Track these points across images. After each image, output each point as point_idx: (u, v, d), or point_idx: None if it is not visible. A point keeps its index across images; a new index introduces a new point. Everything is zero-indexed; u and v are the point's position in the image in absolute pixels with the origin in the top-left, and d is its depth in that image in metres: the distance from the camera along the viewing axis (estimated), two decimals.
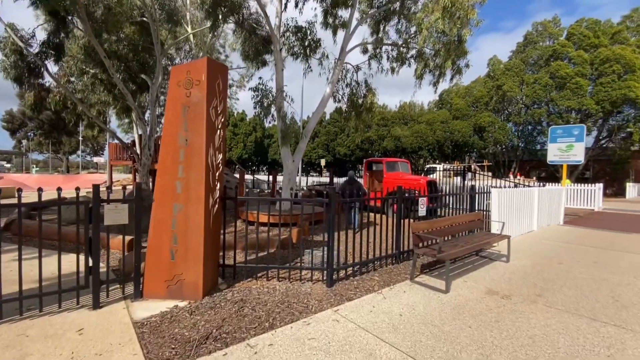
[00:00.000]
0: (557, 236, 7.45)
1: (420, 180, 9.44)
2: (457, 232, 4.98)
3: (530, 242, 6.66)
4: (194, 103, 3.53)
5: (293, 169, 8.60)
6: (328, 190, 3.80)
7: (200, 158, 3.49)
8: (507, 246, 5.18)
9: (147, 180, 9.75)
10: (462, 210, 6.12)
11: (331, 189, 3.78)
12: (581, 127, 9.54)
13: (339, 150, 40.90)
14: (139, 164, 10.36)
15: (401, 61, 9.39)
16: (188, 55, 14.16)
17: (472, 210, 6.30)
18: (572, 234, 7.75)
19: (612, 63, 22.87)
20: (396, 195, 4.71)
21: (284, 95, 8.25)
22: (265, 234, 6.63)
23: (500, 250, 5.69)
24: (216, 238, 3.85)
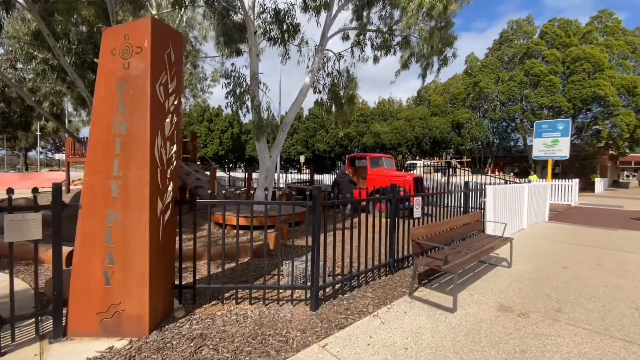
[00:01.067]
0: (549, 234, 7.14)
1: (406, 177, 8.91)
2: (458, 236, 4.40)
3: (525, 242, 6.25)
4: (134, 77, 2.67)
5: (270, 165, 7.79)
6: (312, 191, 3.06)
7: (144, 150, 2.64)
8: (509, 250, 4.67)
9: None
10: (454, 210, 5.59)
11: (316, 189, 3.05)
12: (566, 121, 9.38)
13: (318, 146, 40.24)
14: None
15: (386, 49, 8.76)
16: None
17: (466, 209, 5.78)
18: (563, 232, 7.47)
19: (582, 62, 23.55)
20: (390, 195, 4.05)
21: (259, 83, 7.40)
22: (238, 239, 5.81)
23: (499, 254, 5.20)
24: (169, 252, 3.02)
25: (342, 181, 9.16)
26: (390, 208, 4.05)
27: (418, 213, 4.53)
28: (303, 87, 8.06)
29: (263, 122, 7.03)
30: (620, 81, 23.22)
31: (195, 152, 11.21)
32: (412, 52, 8.70)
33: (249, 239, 6.13)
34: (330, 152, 39.82)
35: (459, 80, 33.89)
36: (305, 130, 42.30)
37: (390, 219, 4.05)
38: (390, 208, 4.05)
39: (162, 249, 2.87)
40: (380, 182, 9.26)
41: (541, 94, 25.02)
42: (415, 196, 4.42)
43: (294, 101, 7.99)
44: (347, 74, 9.17)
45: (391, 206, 4.05)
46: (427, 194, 4.71)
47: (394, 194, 4.04)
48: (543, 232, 7.35)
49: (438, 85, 37.44)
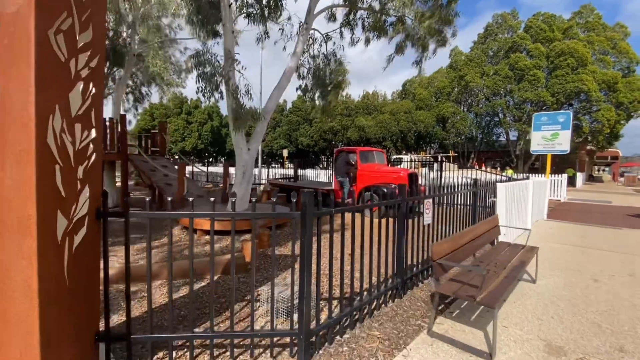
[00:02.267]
0: (557, 236, 6.53)
1: (400, 173, 8.11)
2: (479, 248, 3.60)
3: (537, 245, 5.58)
4: (10, 15, 1.63)
5: (249, 159, 6.78)
6: (303, 197, 2.13)
7: (26, 136, 1.62)
8: (534, 261, 3.92)
9: None
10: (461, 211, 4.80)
11: (307, 195, 2.12)
12: (567, 113, 8.86)
13: (301, 140, 39.16)
14: None
15: (378, 30, 7.85)
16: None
17: (475, 210, 5.02)
18: (569, 233, 6.90)
19: (566, 56, 23.58)
20: (399, 198, 3.17)
21: (235, 63, 6.33)
22: (203, 250, 4.82)
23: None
24: (88, 289, 2.02)
25: (337, 161, 8.42)
26: (399, 215, 3.18)
27: (429, 218, 3.69)
28: (286, 70, 7.05)
29: (241, 108, 5.99)
30: (601, 76, 23.41)
31: (165, 145, 9.99)
32: (407, 34, 7.86)
33: (217, 249, 5.13)
34: (314, 147, 38.84)
35: (444, 74, 33.58)
36: (288, 123, 41.08)
37: (398, 228, 3.18)
38: (398, 215, 3.18)
39: (73, 285, 1.87)
40: (371, 179, 8.44)
41: (525, 88, 24.97)
42: (426, 198, 3.58)
43: (276, 86, 6.97)
44: (334, 58, 8.22)
45: (400, 213, 3.18)
46: (440, 194, 3.87)
47: (403, 196, 3.16)
48: (550, 234, 6.74)
49: (423, 79, 37.06)
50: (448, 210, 4.20)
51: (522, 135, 28.79)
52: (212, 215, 2.21)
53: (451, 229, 4.30)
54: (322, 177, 15.18)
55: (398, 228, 3.16)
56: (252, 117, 6.00)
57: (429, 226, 3.72)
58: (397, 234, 3.16)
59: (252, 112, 6.09)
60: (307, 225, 2.11)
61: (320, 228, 2.28)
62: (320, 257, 2.38)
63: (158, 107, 39.35)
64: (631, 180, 31.64)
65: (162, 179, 8.31)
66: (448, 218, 4.21)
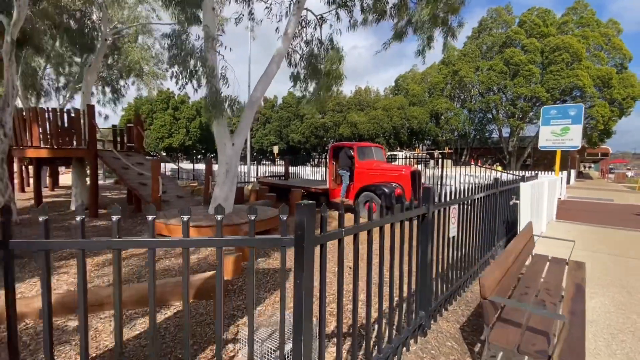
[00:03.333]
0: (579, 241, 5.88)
1: (402, 170, 7.38)
2: (520, 269, 2.87)
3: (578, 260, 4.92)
4: None
5: (233, 155, 5.93)
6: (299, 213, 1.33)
7: None
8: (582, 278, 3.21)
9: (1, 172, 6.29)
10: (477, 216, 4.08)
11: (305, 210, 1.32)
12: (579, 106, 8.27)
13: (292, 137, 38.27)
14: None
15: (378, 13, 7.06)
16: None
17: (496, 215, 4.32)
18: (587, 236, 6.29)
19: (561, 52, 23.28)
20: (424, 206, 2.39)
21: (215, 44, 5.46)
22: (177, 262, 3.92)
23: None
24: None
25: (340, 155, 7.81)
26: (422, 228, 2.41)
27: (454, 229, 2.94)
28: (275, 54, 6.20)
29: (219, 95, 5.13)
30: (596, 72, 23.21)
31: (142, 140, 9.03)
32: (409, 19, 7.09)
33: (192, 263, 4.23)
34: (306, 143, 38.00)
35: (437, 69, 33.08)
36: (278, 119, 40.11)
37: (422, 247, 2.41)
38: (421, 228, 2.41)
39: None
40: (370, 177, 7.69)
41: (520, 83, 24.63)
42: (452, 204, 2.82)
43: (263, 72, 6.12)
44: (331, 45, 7.40)
45: (424, 226, 2.41)
46: (466, 198, 3.12)
47: (428, 203, 2.39)
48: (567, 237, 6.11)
49: (416, 75, 36.55)
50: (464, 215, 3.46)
51: (515, 131, 28.55)
52: (151, 243, 1.39)
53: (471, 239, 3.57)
54: (314, 175, 14.38)
55: (422, 247, 2.39)
56: (231, 106, 5.15)
57: (453, 239, 2.98)
58: (421, 255, 2.39)
59: (231, 100, 5.24)
60: (306, 259, 1.32)
61: (325, 261, 1.48)
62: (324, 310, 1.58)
63: (144, 102, 37.87)
64: (621, 177, 31.85)
65: (136, 178, 7.39)
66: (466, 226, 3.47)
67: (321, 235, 1.42)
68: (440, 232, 2.71)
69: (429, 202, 2.40)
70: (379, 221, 1.82)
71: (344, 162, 8.15)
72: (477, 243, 3.70)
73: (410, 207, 2.16)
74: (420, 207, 2.32)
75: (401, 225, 2.09)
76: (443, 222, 2.74)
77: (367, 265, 1.79)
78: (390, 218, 1.94)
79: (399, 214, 2.04)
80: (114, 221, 1.33)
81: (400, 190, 7.01)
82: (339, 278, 1.57)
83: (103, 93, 12.50)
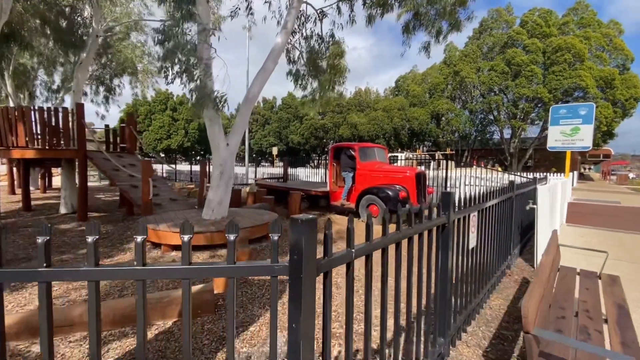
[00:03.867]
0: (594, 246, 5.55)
1: (406, 172, 7.03)
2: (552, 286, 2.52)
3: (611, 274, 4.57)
4: None
5: (227, 156, 5.58)
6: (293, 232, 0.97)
7: None
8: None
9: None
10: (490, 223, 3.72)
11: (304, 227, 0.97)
12: (590, 105, 7.95)
13: (292, 138, 37.94)
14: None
15: (383, 6, 6.73)
16: None
17: (511, 221, 3.97)
18: (605, 241, 5.94)
19: (563, 52, 23.02)
20: (444, 216, 2.04)
21: (207, 36, 5.12)
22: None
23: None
24: None
25: (341, 156, 7.52)
26: (442, 240, 2.05)
27: (474, 239, 2.59)
28: (273, 49, 5.86)
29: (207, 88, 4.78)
30: (598, 73, 22.95)
31: (135, 141, 8.67)
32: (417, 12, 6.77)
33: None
34: (305, 144, 37.67)
35: (438, 70, 32.82)
36: (278, 120, 39.79)
37: (442, 263, 2.05)
38: (442, 240, 2.05)
39: None
40: (372, 179, 7.34)
41: (522, 84, 24.35)
42: (472, 210, 2.47)
43: (261, 68, 5.77)
44: (331, 39, 7.07)
45: (443, 236, 2.05)
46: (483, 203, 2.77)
47: (449, 211, 2.03)
48: (583, 244, 5.76)
49: (416, 75, 36.31)
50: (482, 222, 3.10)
51: (516, 132, 28.26)
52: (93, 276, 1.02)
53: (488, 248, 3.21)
54: (314, 177, 14.02)
55: (441, 263, 2.03)
56: (215, 102, 4.80)
57: (473, 250, 2.62)
58: (440, 273, 2.03)
59: (219, 98, 4.88)
60: (304, 293, 0.95)
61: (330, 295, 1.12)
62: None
63: (142, 102, 37.54)
64: (623, 178, 31.52)
65: (127, 180, 7.02)
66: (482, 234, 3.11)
67: (325, 260, 1.06)
68: (460, 242, 2.36)
69: (449, 209, 2.04)
70: (395, 235, 1.47)
71: (345, 164, 7.81)
72: (494, 252, 3.36)
73: (430, 216, 1.81)
74: (441, 216, 1.97)
75: (419, 238, 1.74)
76: (462, 232, 2.38)
77: (382, 293, 1.43)
78: (408, 231, 1.58)
79: (418, 225, 1.69)
80: (90, 244, 0.98)
81: (404, 193, 6.66)
82: (348, 315, 1.21)
83: (96, 93, 12.13)
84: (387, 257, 1.43)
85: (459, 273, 2.36)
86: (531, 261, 4.62)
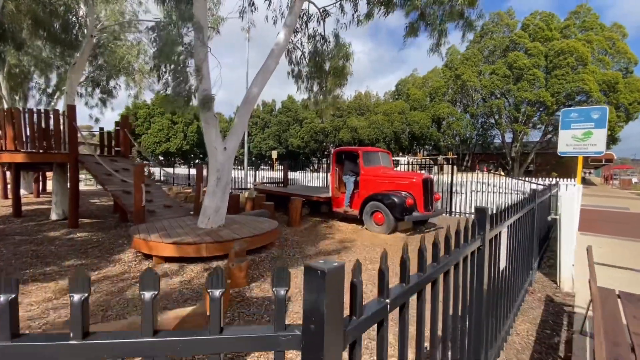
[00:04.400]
0: (616, 258, 5.22)
1: (413, 178, 6.70)
2: None
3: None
4: None
5: (225, 161, 5.26)
6: (307, 294, 0.65)
7: None
8: None
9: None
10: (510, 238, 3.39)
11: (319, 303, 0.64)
12: (603, 109, 7.65)
13: (291, 141, 37.67)
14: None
15: (386, 5, 6.44)
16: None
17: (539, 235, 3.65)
18: (623, 252, 5.61)
19: (566, 55, 22.84)
20: (478, 237, 1.71)
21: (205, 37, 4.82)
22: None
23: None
24: None
25: (344, 161, 7.24)
26: (477, 266, 1.72)
27: (504, 259, 2.26)
28: (274, 48, 5.56)
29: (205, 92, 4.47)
30: (601, 77, 22.74)
31: (129, 144, 8.35)
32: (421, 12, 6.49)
33: (172, 288, 3.42)
34: (305, 148, 37.39)
35: (439, 74, 32.66)
36: (278, 124, 39.55)
37: (476, 295, 1.71)
38: (476, 265, 1.72)
39: None
40: (377, 185, 7.02)
41: (524, 88, 24.15)
42: (503, 226, 2.14)
43: (261, 68, 5.47)
44: (335, 39, 6.78)
45: (478, 261, 1.72)
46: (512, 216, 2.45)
47: (484, 231, 1.70)
48: (603, 255, 5.43)
49: (417, 79, 36.16)
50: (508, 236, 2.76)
51: (518, 136, 28.01)
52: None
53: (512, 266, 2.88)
54: (315, 181, 13.69)
55: (476, 293, 1.69)
56: (204, 101, 4.49)
57: (503, 272, 2.29)
58: (475, 305, 1.70)
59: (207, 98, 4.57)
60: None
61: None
62: None
63: (142, 106, 37.31)
64: (626, 183, 31.25)
65: (120, 185, 6.69)
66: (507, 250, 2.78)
67: (353, 324, 0.73)
68: (492, 265, 2.03)
69: (484, 229, 1.71)
70: (433, 270, 1.14)
71: (348, 169, 7.50)
72: (518, 270, 3.02)
73: (466, 239, 1.49)
74: (476, 238, 1.64)
75: (455, 269, 1.41)
76: (494, 252, 2.05)
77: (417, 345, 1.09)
78: (446, 260, 1.25)
79: (456, 252, 1.36)
80: (77, 302, 0.65)
81: (411, 200, 6.33)
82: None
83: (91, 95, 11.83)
84: (424, 299, 1.10)
85: (490, 300, 2.03)
86: (551, 275, 4.29)
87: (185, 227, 5.21)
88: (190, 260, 4.57)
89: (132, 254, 5.01)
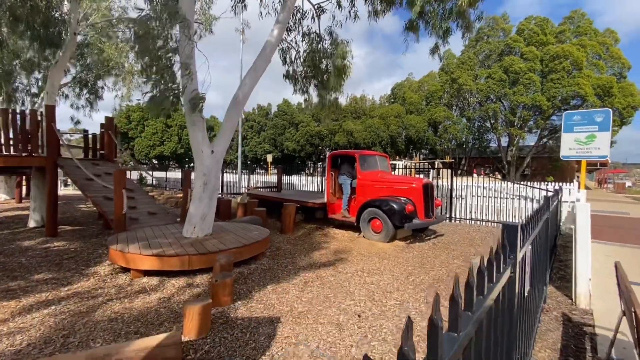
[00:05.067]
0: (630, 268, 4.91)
1: (412, 183, 6.37)
2: None
3: None
4: None
5: (212, 165, 4.88)
6: None
7: None
8: None
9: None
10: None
11: None
12: (606, 111, 7.44)
13: (287, 145, 37.31)
14: None
15: (387, 2, 6.14)
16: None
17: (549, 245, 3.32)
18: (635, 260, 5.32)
19: (561, 60, 22.86)
20: (508, 261, 1.37)
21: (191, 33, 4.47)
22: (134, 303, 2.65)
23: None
24: None
25: (340, 165, 6.90)
26: (509, 295, 1.37)
27: (529, 282, 1.92)
28: (265, 46, 5.21)
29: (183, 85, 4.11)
30: (596, 81, 22.77)
31: (114, 148, 7.93)
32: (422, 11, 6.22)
33: (148, 307, 2.98)
34: (301, 152, 37.05)
35: (435, 77, 32.63)
36: (273, 127, 39.19)
37: (510, 331, 1.37)
38: (507, 296, 1.37)
39: None
40: (375, 191, 6.68)
41: (520, 92, 24.10)
42: (528, 244, 1.81)
43: (251, 67, 5.12)
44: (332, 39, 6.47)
45: (509, 291, 1.37)
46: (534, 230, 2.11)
47: (515, 254, 1.35)
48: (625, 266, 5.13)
49: (412, 83, 36.11)
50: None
51: (514, 140, 27.95)
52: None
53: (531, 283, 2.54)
54: (310, 186, 13.33)
55: (511, 330, 1.35)
56: (194, 101, 4.14)
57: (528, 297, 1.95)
58: (506, 344, 1.35)
59: (198, 99, 4.22)
60: None
61: None
62: None
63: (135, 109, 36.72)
64: (621, 187, 31.36)
65: (101, 191, 6.27)
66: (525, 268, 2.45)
67: None
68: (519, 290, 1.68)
69: (515, 252, 1.37)
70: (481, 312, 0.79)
71: (343, 172, 7.17)
72: (535, 287, 2.69)
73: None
74: (508, 264, 1.29)
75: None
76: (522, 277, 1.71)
77: None
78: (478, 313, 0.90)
79: (489, 287, 1.01)
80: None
81: (411, 206, 5.99)
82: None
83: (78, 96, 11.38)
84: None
85: (513, 332, 1.68)
86: (564, 289, 3.97)
87: (169, 237, 4.81)
88: (172, 274, 4.17)
89: (109, 267, 4.59)
